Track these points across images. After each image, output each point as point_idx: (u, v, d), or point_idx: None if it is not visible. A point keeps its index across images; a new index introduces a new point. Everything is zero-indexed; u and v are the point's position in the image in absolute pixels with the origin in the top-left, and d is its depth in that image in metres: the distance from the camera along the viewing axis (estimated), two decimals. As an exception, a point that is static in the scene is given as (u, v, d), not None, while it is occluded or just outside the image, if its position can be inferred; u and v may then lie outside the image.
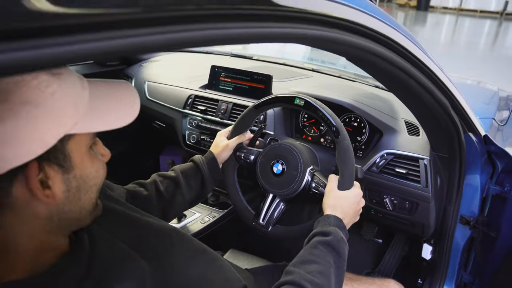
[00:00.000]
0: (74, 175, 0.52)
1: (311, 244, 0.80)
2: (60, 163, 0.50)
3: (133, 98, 0.56)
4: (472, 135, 1.09)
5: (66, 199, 0.52)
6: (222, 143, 1.13)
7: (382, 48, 0.69)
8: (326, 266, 0.75)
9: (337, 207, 0.90)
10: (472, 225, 1.20)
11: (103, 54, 0.31)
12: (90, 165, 0.55)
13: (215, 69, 1.59)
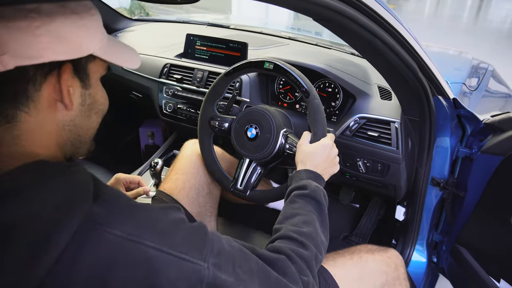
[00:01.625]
0: (90, 93, 0.59)
1: (289, 200, 0.84)
2: (82, 78, 0.56)
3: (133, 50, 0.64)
4: (442, 98, 1.12)
5: (80, 112, 0.57)
6: None
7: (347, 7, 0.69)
8: (308, 216, 0.79)
9: (306, 161, 0.92)
10: (442, 186, 1.24)
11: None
12: (100, 90, 0.62)
13: (191, 37, 1.57)
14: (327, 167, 0.93)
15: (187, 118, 1.53)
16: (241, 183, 1.11)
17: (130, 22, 2.10)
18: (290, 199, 0.84)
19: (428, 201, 1.29)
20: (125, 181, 1.10)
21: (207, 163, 1.18)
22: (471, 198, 1.17)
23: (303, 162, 0.93)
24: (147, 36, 1.90)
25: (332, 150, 0.95)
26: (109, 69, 0.59)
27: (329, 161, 0.94)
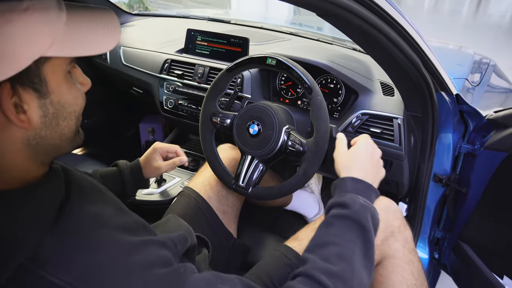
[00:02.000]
0: (51, 100, 0.51)
1: (326, 221, 0.70)
2: (35, 87, 0.48)
3: (113, 24, 0.53)
4: (445, 94, 1.11)
5: (43, 124, 0.51)
6: (155, 164, 1.06)
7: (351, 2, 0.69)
8: (346, 247, 0.65)
9: (351, 166, 0.80)
10: (444, 182, 1.24)
11: None
12: (67, 91, 0.53)
13: (191, 32, 1.55)
14: (376, 172, 0.82)
15: (188, 114, 1.52)
16: (243, 180, 1.10)
17: (130, 16, 2.09)
18: (327, 219, 0.70)
19: (430, 197, 1.29)
20: (162, 150, 1.09)
21: (209, 159, 1.17)
22: (474, 194, 1.17)
23: (349, 168, 0.79)
24: (148, 31, 1.89)
25: (375, 150, 0.85)
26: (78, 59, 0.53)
27: (375, 164, 0.83)
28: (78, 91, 0.56)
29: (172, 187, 1.44)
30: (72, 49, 0.49)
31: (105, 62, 1.77)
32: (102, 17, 0.53)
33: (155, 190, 1.36)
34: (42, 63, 0.48)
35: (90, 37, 0.51)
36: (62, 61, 0.51)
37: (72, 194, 0.54)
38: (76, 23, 0.50)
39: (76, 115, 0.57)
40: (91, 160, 1.57)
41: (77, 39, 0.49)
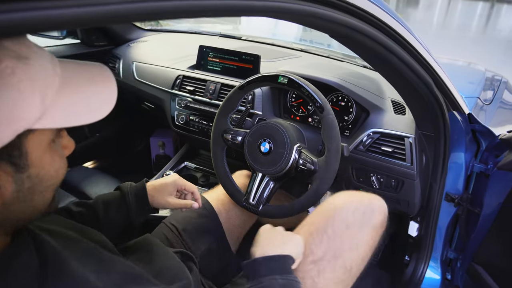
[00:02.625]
0: (29, 174, 0.45)
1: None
2: (13, 161, 0.43)
3: (110, 87, 0.48)
4: (457, 113, 1.11)
5: (15, 199, 0.45)
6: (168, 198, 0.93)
7: (363, 24, 0.69)
8: None
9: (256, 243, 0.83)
10: (457, 202, 1.22)
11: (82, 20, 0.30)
12: (49, 163, 0.48)
13: (203, 49, 1.57)
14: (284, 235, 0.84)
15: (199, 130, 1.53)
16: (253, 197, 1.10)
17: (143, 32, 2.12)
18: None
19: (442, 217, 1.27)
20: (182, 187, 0.97)
21: (220, 176, 1.17)
22: (487, 214, 1.15)
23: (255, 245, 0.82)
24: (160, 47, 1.91)
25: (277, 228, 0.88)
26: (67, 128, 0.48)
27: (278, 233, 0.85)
28: (61, 161, 0.51)
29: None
30: (62, 120, 0.44)
31: (118, 77, 1.79)
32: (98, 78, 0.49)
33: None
34: (26, 135, 0.42)
35: (84, 106, 0.46)
36: (48, 132, 0.46)
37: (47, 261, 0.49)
38: (70, 89, 0.45)
39: (53, 188, 0.51)
40: (101, 173, 1.58)
41: (69, 108, 0.45)
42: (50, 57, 0.45)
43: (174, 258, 0.75)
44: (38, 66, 0.41)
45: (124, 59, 1.80)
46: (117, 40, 1.97)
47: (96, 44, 1.90)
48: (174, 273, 0.68)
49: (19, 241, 0.49)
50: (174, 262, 0.73)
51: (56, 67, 0.45)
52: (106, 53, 1.93)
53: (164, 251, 0.76)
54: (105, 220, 0.85)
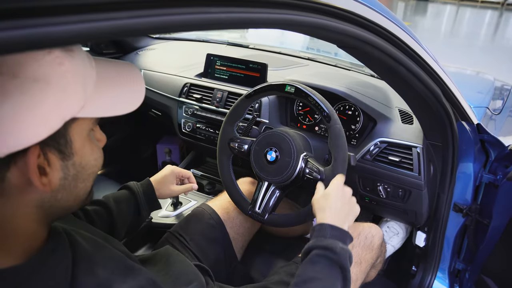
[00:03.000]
0: (73, 162, 0.48)
1: (310, 259, 0.75)
2: (60, 149, 0.46)
3: (139, 82, 0.52)
4: (465, 123, 1.10)
5: (62, 186, 0.48)
6: (170, 186, 1.07)
7: (371, 35, 0.69)
8: (330, 282, 0.71)
9: (324, 207, 0.86)
10: (465, 212, 1.21)
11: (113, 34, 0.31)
12: (90, 152, 0.51)
13: (211, 57, 1.58)
14: (348, 210, 0.87)
15: (205, 137, 1.53)
16: (259, 206, 1.10)
17: (151, 40, 2.14)
18: (311, 258, 0.75)
19: (450, 227, 1.25)
20: (179, 175, 1.12)
21: (226, 184, 1.17)
22: (496, 226, 1.14)
23: (323, 210, 0.85)
24: (168, 55, 1.93)
25: (345, 189, 0.90)
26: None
27: (347, 202, 0.88)
28: (99, 151, 0.55)
29: (188, 210, 1.44)
30: (101, 109, 0.47)
31: (126, 85, 1.81)
32: (127, 73, 0.52)
33: (171, 213, 1.36)
34: (70, 124, 0.46)
35: (118, 97, 0.50)
36: (88, 121, 0.49)
37: (79, 260, 0.51)
38: (105, 81, 0.49)
39: (94, 177, 0.55)
40: (108, 180, 1.59)
41: (106, 99, 0.48)
42: (86, 52, 0.49)
43: (190, 265, 0.78)
44: (80, 59, 0.45)
45: (132, 67, 1.81)
46: (125, 48, 1.99)
47: (104, 52, 1.92)
48: (189, 278, 0.72)
49: (56, 237, 0.52)
50: (190, 269, 0.77)
51: (92, 61, 0.48)
52: (114, 61, 1.95)
53: (180, 259, 0.80)
54: (118, 217, 0.92)
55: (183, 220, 1.12)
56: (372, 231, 1.11)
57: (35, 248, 0.49)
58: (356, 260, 1.03)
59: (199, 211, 1.15)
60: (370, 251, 1.08)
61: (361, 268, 1.04)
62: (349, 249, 0.77)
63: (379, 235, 1.12)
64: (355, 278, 1.01)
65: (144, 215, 1.03)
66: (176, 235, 1.05)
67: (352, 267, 0.96)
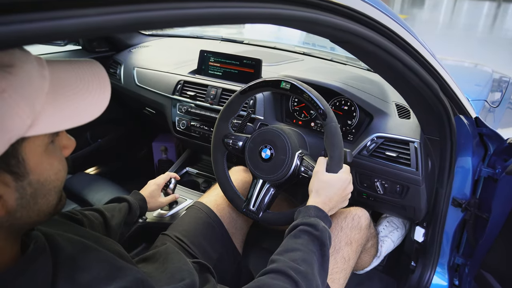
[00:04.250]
0: (29, 181, 0.45)
1: (294, 234, 0.80)
2: (12, 170, 0.43)
3: (103, 84, 0.48)
4: (463, 117, 1.08)
5: (20, 206, 0.46)
6: (158, 198, 1.18)
7: (365, 29, 0.67)
8: (309, 254, 0.76)
9: (321, 191, 0.89)
10: (464, 207, 1.19)
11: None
12: (48, 167, 0.48)
13: (204, 53, 1.56)
14: (338, 202, 0.91)
15: (200, 135, 1.51)
16: (253, 204, 1.08)
17: (144, 37, 2.11)
18: (294, 233, 0.81)
19: (449, 222, 1.24)
20: (162, 184, 1.22)
21: (220, 181, 1.16)
22: (496, 220, 1.12)
23: (318, 192, 0.90)
24: (161, 52, 1.90)
25: (348, 186, 0.93)
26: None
27: (342, 196, 0.92)
28: (60, 163, 0.50)
29: (183, 209, 1.42)
30: (55, 124, 0.44)
31: (119, 83, 1.78)
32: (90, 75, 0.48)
33: (166, 212, 1.35)
34: (20, 143, 0.42)
35: (77, 105, 0.45)
36: (43, 137, 0.45)
37: (60, 266, 0.50)
38: (61, 90, 0.44)
39: (57, 190, 0.51)
40: (103, 179, 1.57)
41: (62, 111, 0.44)
42: (37, 61, 0.44)
43: (187, 263, 0.80)
44: (22, 73, 0.40)
45: (125, 65, 1.79)
46: (118, 46, 1.96)
47: (97, 50, 1.89)
48: (183, 275, 0.73)
49: (35, 246, 0.50)
50: (186, 266, 0.78)
51: (44, 70, 0.44)
52: (107, 59, 1.92)
53: (178, 258, 0.81)
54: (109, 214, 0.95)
55: (179, 222, 1.11)
56: (358, 213, 1.14)
57: (11, 260, 0.47)
58: (346, 241, 1.06)
59: (195, 211, 1.14)
60: (359, 231, 1.11)
61: (352, 248, 1.07)
62: (329, 230, 0.83)
63: (365, 216, 1.15)
64: (348, 257, 1.04)
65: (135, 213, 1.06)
66: (175, 238, 1.03)
67: (344, 247, 1.05)
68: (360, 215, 1.13)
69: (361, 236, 1.12)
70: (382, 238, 1.44)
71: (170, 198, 1.25)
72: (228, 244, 1.13)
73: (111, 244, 0.66)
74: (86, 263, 0.53)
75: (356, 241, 1.09)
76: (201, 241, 1.05)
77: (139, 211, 1.08)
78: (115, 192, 1.46)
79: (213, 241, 1.09)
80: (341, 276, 1.01)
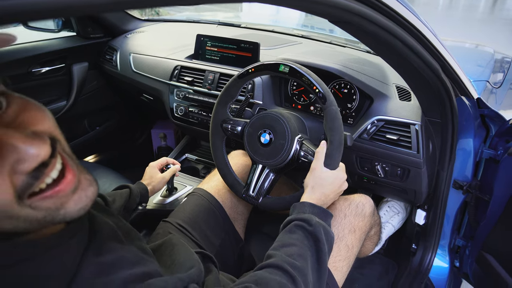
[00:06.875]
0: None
1: (289, 229, 0.82)
2: None
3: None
4: (465, 98, 1.06)
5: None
6: (157, 175, 1.19)
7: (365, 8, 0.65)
8: (304, 249, 0.77)
9: (317, 188, 0.91)
10: (465, 189, 1.19)
11: None
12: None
13: (201, 38, 1.53)
14: (332, 198, 0.94)
15: (198, 121, 1.50)
16: (253, 189, 1.08)
17: (140, 22, 2.08)
18: (289, 228, 0.83)
19: (450, 204, 1.24)
20: (158, 165, 1.23)
21: (219, 167, 1.15)
22: (497, 202, 1.12)
23: (314, 189, 0.91)
24: (158, 37, 1.87)
25: (343, 184, 0.95)
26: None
27: (336, 193, 0.94)
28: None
29: (183, 196, 1.42)
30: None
31: (115, 69, 1.76)
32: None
33: (166, 199, 1.34)
34: None
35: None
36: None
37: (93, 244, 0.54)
38: None
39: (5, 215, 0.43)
40: (102, 167, 1.56)
41: None
42: None
43: (192, 254, 0.81)
44: None
45: (121, 51, 1.76)
46: (113, 31, 1.92)
47: (92, 36, 1.86)
48: (190, 264, 0.74)
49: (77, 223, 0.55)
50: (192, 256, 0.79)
51: None
52: (102, 45, 1.89)
53: (184, 249, 0.82)
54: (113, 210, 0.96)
55: (180, 209, 1.11)
56: (363, 200, 1.13)
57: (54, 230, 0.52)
58: (350, 228, 1.07)
59: (196, 197, 1.14)
60: (363, 218, 1.10)
61: (355, 236, 1.07)
62: (325, 224, 0.84)
63: (369, 204, 1.14)
64: (351, 245, 1.05)
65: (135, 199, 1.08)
66: (176, 225, 1.03)
67: (347, 234, 1.05)
68: (364, 202, 1.13)
69: (365, 223, 1.12)
70: (383, 224, 1.44)
71: (171, 171, 1.24)
72: (230, 229, 1.13)
73: (138, 240, 0.70)
74: (113, 247, 0.57)
75: (360, 229, 1.09)
76: (203, 227, 1.05)
77: (139, 198, 1.08)
78: (115, 180, 1.45)
79: (215, 227, 1.09)
80: (344, 264, 1.02)
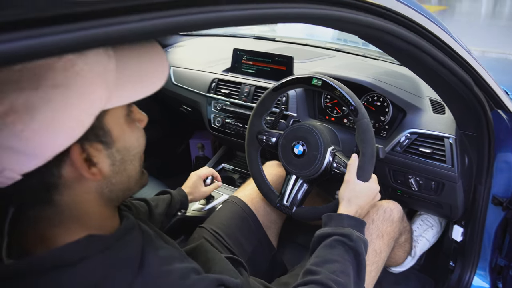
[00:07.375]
0: (117, 148, 0.53)
1: (329, 244, 0.82)
2: (101, 140, 0.50)
3: (161, 58, 0.53)
4: (501, 112, 1.04)
5: (113, 172, 0.54)
6: (201, 188, 1.22)
7: (392, 25, 0.67)
8: (346, 265, 0.78)
9: (353, 200, 0.92)
10: (505, 206, 1.15)
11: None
12: (130, 135, 0.56)
13: (237, 52, 1.59)
14: (367, 209, 0.95)
15: (235, 132, 1.55)
16: (287, 199, 1.10)
17: (179, 37, 2.18)
18: (330, 243, 0.82)
19: (489, 221, 1.20)
20: (204, 177, 1.25)
21: (254, 177, 1.19)
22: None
23: (350, 201, 0.92)
24: (196, 51, 1.95)
25: (377, 196, 0.97)
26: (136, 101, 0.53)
27: (371, 205, 0.96)
28: (139, 131, 0.59)
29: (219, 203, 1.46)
30: (128, 95, 0.50)
31: (157, 82, 1.85)
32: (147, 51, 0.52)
33: (204, 207, 1.39)
34: (103, 116, 0.49)
35: (142, 78, 0.51)
36: (121, 108, 0.53)
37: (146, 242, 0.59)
38: (126, 66, 0.49)
39: (139, 156, 0.59)
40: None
41: (130, 84, 0.50)
42: None
43: (228, 264, 0.85)
44: (93, 54, 0.46)
45: (163, 65, 1.85)
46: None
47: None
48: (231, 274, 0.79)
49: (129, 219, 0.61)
50: (229, 267, 0.83)
51: (109, 50, 0.48)
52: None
53: (219, 257, 0.86)
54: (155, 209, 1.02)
55: (215, 216, 1.15)
56: (391, 206, 1.13)
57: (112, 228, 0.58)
58: (378, 233, 1.07)
59: (230, 205, 1.18)
60: (391, 223, 1.10)
61: (383, 241, 1.07)
62: (364, 237, 0.85)
63: (397, 209, 1.14)
64: (379, 250, 1.05)
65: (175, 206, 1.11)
66: (211, 231, 1.07)
67: (375, 239, 1.05)
68: (392, 208, 1.13)
69: (393, 229, 1.11)
70: (416, 237, 1.42)
71: (213, 187, 1.26)
72: (263, 237, 1.16)
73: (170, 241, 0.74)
74: (162, 245, 0.62)
75: (388, 234, 1.09)
76: (236, 234, 1.09)
77: (179, 205, 1.12)
78: (156, 187, 1.52)
79: (248, 234, 1.12)
80: (372, 269, 1.02)
